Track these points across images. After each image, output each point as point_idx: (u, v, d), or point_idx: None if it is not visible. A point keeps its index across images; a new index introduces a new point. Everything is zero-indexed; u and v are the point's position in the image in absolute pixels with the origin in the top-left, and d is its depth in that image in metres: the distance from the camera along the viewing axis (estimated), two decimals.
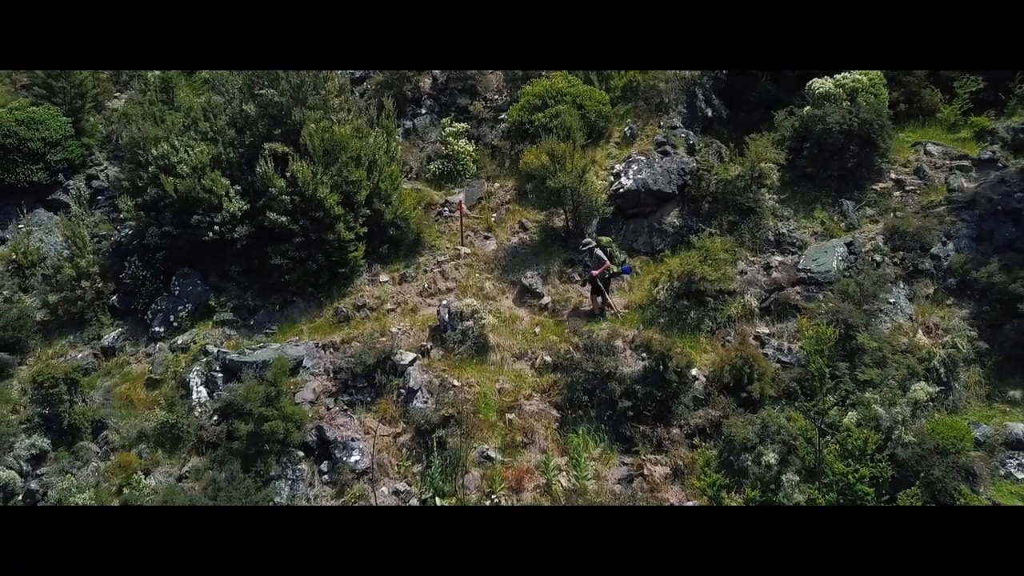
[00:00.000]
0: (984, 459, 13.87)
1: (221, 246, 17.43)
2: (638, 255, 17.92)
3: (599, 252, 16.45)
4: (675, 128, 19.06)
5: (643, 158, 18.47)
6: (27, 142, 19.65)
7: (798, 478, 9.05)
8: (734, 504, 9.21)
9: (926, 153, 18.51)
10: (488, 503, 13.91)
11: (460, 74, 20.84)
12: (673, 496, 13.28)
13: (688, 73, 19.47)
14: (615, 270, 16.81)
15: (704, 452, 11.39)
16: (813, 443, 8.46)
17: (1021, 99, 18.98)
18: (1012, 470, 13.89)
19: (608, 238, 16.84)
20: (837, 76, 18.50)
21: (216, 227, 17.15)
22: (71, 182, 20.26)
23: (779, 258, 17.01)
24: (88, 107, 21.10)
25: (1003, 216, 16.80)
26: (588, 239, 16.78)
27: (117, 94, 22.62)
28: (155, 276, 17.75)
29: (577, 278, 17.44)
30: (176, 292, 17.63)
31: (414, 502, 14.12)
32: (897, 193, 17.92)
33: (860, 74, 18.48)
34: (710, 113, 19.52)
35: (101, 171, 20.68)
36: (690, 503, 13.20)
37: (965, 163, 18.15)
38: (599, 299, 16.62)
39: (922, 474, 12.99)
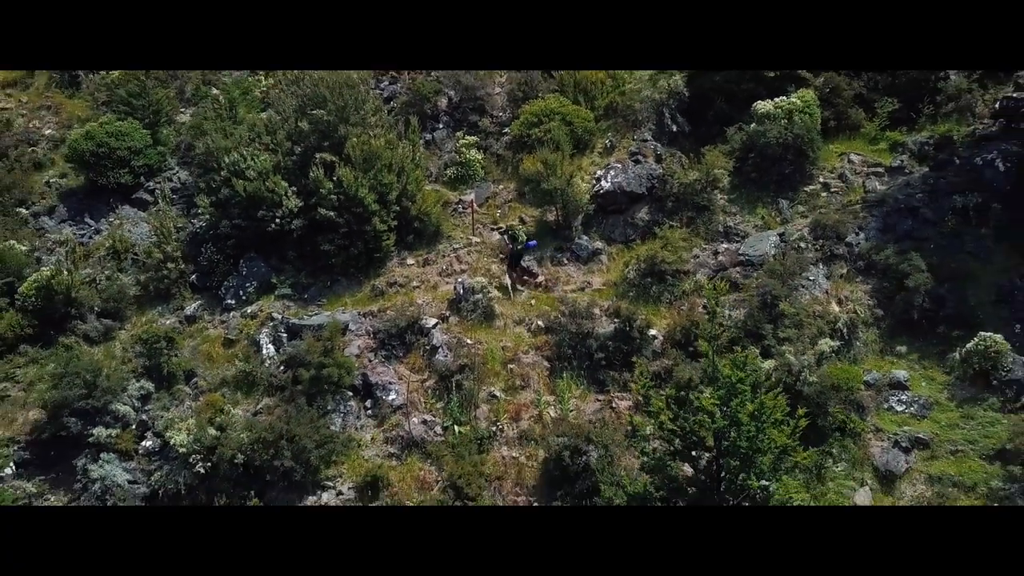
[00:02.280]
0: (872, 396, 18.20)
1: (281, 235, 21.78)
2: (615, 243, 22.24)
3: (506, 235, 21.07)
4: (646, 141, 23.40)
5: (619, 165, 22.81)
6: (116, 151, 23.99)
7: (705, 385, 13.17)
8: (660, 401, 13.35)
9: (849, 161, 22.79)
10: (495, 429, 18.27)
11: (471, 95, 25.15)
12: (632, 423, 17.58)
13: (657, 96, 23.80)
14: (519, 247, 21.13)
15: (640, 365, 15.48)
16: (709, 356, 12.67)
17: (929, 117, 23.19)
18: (893, 404, 18.22)
19: (519, 224, 21.37)
20: (777, 99, 22.78)
21: (277, 220, 21.50)
22: (150, 183, 24.59)
23: (725, 245, 21.34)
24: (162, 121, 25.43)
25: (905, 212, 21.11)
26: (503, 225, 21.25)
27: (183, 110, 26.91)
28: (226, 259, 22.10)
29: (566, 261, 21.82)
30: (244, 272, 21.97)
31: (438, 429, 18.48)
32: (824, 194, 22.20)
33: (796, 98, 22.75)
34: (674, 129, 23.81)
35: (174, 175, 25.01)
36: (648, 428, 17.48)
37: (879, 170, 22.44)
38: (513, 274, 21.06)
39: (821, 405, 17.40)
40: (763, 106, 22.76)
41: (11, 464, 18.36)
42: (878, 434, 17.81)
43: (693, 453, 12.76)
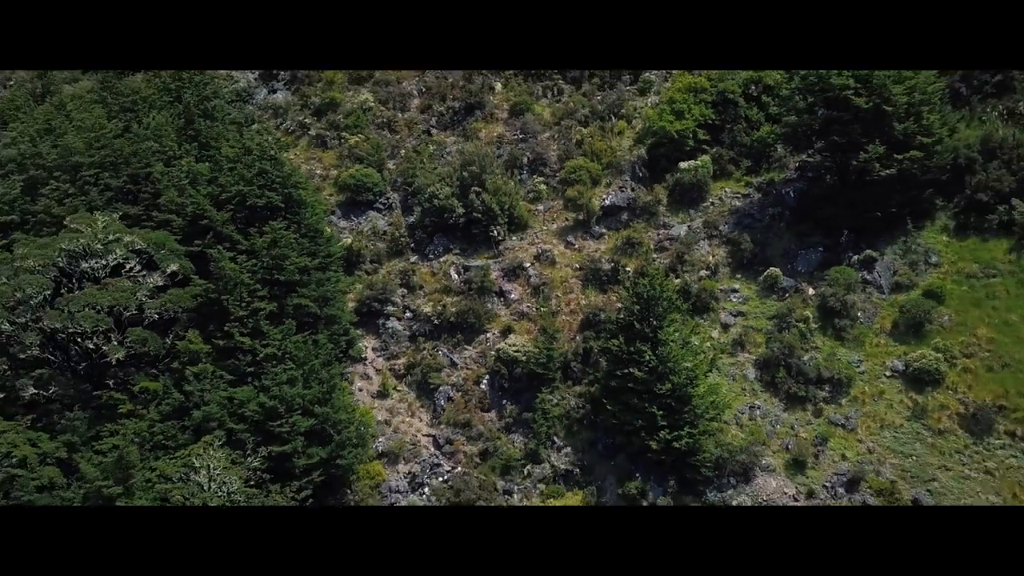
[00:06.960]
0: (723, 294, 42.55)
1: (453, 226, 46.10)
2: (611, 230, 46.45)
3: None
4: (626, 180, 47.74)
5: (613, 192, 47.18)
6: (365, 183, 48.33)
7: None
8: (627, 280, 37.36)
9: (725, 191, 47.04)
10: (558, 309, 42.58)
11: (540, 156, 49.41)
12: (619, 301, 41.90)
13: (632, 158, 48.16)
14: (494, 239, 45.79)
15: (622, 274, 39.59)
16: (645, 266, 36.75)
17: (766, 169, 47.51)
18: (732, 298, 42.57)
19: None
20: (690, 161, 46.98)
21: (452, 219, 45.85)
22: (380, 200, 48.95)
23: (664, 231, 45.69)
24: (383, 167, 49.80)
25: (747, 216, 45.44)
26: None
27: (388, 160, 51.15)
28: (428, 237, 46.45)
29: (588, 239, 46.23)
30: (436, 243, 46.28)
31: (534, 309, 42.79)
32: (711, 208, 46.48)
33: (699, 161, 47.02)
34: (640, 175, 48.02)
35: (391, 196, 49.30)
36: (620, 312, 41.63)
37: (739, 196, 46.72)
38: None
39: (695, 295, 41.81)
40: (684, 164, 47.09)
41: (350, 324, 42.50)
42: (724, 310, 42.17)
43: (640, 303, 36.87)
